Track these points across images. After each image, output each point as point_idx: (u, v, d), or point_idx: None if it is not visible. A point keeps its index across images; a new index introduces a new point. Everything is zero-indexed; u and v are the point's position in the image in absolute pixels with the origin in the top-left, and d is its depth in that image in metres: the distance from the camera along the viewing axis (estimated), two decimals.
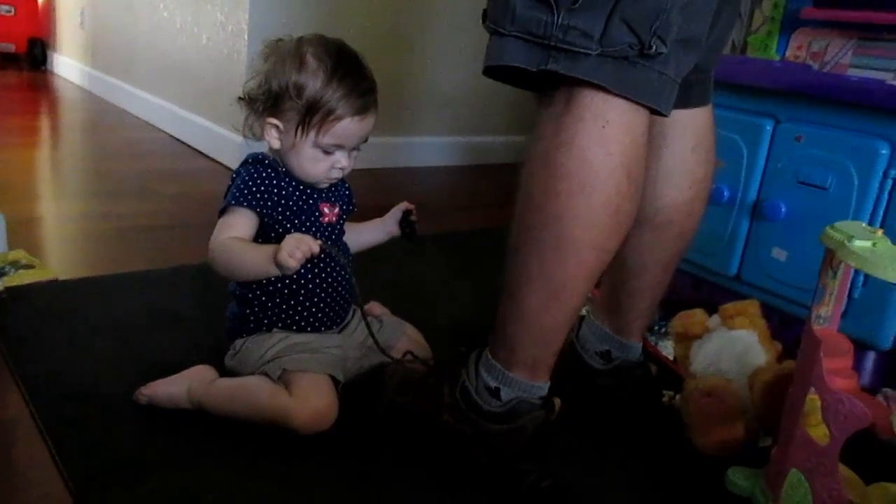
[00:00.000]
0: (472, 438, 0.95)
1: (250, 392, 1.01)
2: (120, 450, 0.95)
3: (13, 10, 4.28)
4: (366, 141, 1.06)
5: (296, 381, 1.00)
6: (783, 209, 1.39)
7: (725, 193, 1.46)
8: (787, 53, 1.57)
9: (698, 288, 1.56)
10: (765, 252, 1.43)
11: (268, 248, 0.97)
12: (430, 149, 2.95)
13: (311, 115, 1.00)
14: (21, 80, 4.16)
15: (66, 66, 4.29)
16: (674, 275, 1.11)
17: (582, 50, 0.77)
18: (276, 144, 1.04)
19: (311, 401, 0.98)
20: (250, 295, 1.07)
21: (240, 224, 1.02)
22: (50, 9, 4.48)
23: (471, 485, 0.94)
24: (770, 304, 1.34)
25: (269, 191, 1.03)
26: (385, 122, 1.23)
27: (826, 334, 0.90)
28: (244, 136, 1.07)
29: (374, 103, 1.04)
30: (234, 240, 1.02)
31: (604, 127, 0.80)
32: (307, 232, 1.05)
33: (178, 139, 2.88)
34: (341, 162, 1.04)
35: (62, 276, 1.44)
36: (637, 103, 0.81)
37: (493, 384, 0.93)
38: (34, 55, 4.42)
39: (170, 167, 2.55)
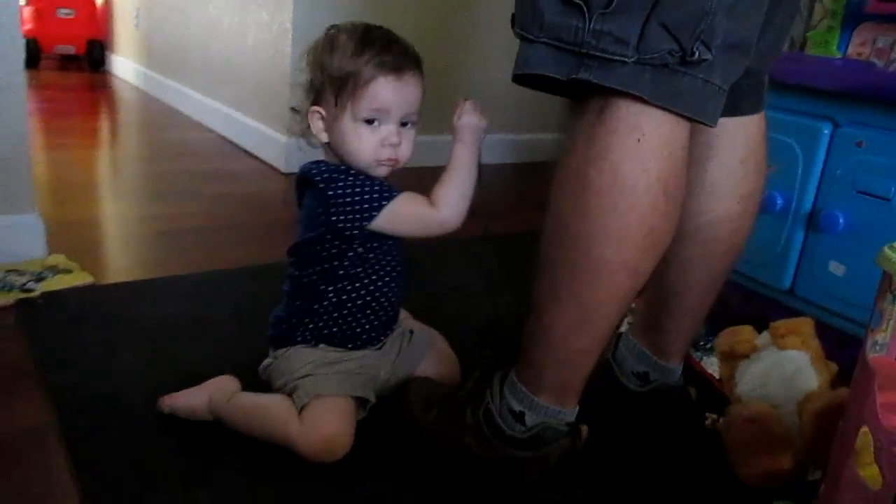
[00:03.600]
0: (493, 463, 0.91)
1: (264, 415, 0.98)
2: (137, 461, 0.94)
3: (73, 13, 4.39)
4: (415, 116, 1.00)
5: (309, 406, 0.96)
6: (841, 220, 1.30)
7: (779, 201, 1.38)
8: (850, 50, 1.47)
9: (748, 302, 1.48)
10: (821, 266, 1.35)
11: (454, 154, 0.99)
12: None
13: (344, 86, 0.96)
14: (81, 81, 4.28)
15: (123, 66, 4.39)
16: (722, 286, 1.04)
17: (617, 57, 0.71)
18: (324, 136, 1.00)
19: (320, 429, 0.94)
20: (305, 307, 1.03)
21: (413, 195, 0.99)
22: (108, 10, 4.60)
23: None
24: (826, 322, 1.26)
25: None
26: (430, 120, 1.20)
27: (882, 363, 0.83)
28: (292, 135, 1.04)
29: (412, 67, 0.98)
30: (438, 186, 0.99)
31: (639, 140, 0.74)
32: (373, 235, 1.00)
33: (227, 139, 2.91)
34: (390, 138, 0.97)
35: (101, 281, 1.45)
36: (677, 114, 0.74)
37: (517, 408, 0.89)
38: (93, 56, 4.54)
39: (217, 167, 2.57)
